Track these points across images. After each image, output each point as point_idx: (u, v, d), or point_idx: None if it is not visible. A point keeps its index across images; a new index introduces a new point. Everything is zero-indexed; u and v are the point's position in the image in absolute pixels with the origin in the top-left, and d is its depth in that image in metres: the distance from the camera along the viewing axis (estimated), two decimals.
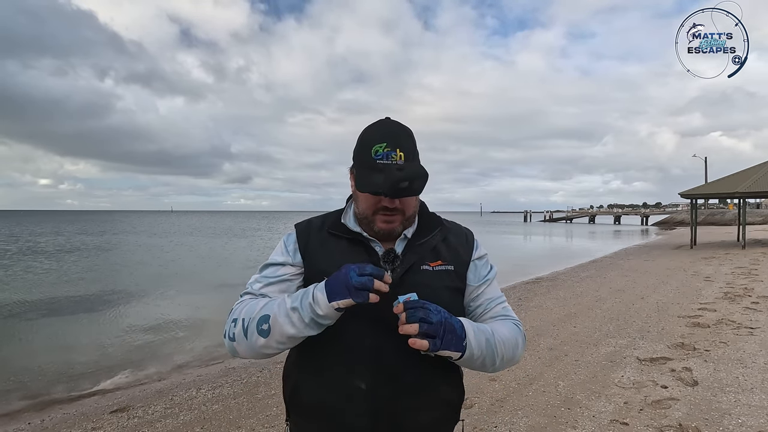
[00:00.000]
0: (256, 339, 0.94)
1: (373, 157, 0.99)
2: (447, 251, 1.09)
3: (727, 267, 11.49)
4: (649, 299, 7.52)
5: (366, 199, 1.03)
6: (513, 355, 1.04)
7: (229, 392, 4.11)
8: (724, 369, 4.03)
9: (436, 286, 1.03)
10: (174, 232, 43.39)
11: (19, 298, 10.06)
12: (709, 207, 56.90)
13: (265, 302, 0.97)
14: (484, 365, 0.98)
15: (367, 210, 1.04)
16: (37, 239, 31.57)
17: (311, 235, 1.10)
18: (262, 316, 0.94)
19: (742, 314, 6.13)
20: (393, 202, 1.01)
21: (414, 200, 1.06)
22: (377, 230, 1.04)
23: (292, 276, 1.06)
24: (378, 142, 0.99)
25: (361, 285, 0.86)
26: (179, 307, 9.14)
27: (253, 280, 1.07)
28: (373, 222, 1.04)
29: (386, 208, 1.01)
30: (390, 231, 1.04)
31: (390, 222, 1.03)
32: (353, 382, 0.97)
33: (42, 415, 4.07)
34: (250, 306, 0.98)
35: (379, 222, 1.03)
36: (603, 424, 3.07)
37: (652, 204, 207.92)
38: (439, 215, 1.17)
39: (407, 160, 0.99)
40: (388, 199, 1.00)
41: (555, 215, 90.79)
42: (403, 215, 1.04)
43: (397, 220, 1.03)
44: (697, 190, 20.11)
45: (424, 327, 0.86)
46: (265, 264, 1.09)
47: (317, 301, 0.89)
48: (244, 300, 1.04)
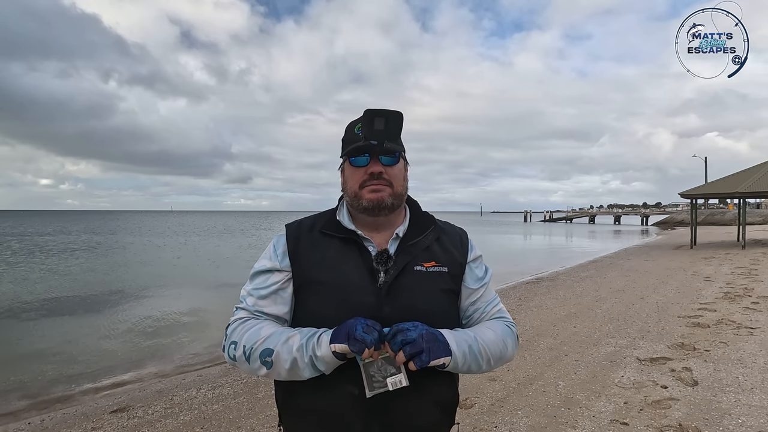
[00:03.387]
0: (259, 368, 0.96)
1: (356, 132, 1.03)
2: (441, 252, 1.08)
3: (727, 267, 11.49)
4: (649, 299, 7.52)
5: (352, 175, 1.05)
6: (501, 356, 1.05)
7: (229, 392, 4.11)
8: (724, 369, 4.03)
9: (430, 288, 1.03)
10: (175, 231, 43.39)
11: (19, 298, 10.05)
12: (709, 207, 56.89)
13: (266, 332, 0.98)
14: (470, 370, 1.00)
15: (355, 185, 1.04)
16: (46, 238, 31.58)
17: (301, 236, 1.08)
18: (265, 350, 0.95)
19: (742, 314, 6.13)
20: (378, 165, 1.02)
21: (401, 176, 1.07)
22: (366, 204, 1.03)
23: (282, 284, 1.06)
24: (357, 123, 1.05)
25: (361, 338, 0.87)
26: (179, 307, 9.13)
27: (245, 293, 1.08)
28: (361, 197, 1.03)
29: (372, 175, 1.02)
30: (378, 201, 1.03)
31: (377, 191, 1.02)
32: (346, 388, 0.97)
33: (42, 415, 4.06)
34: (251, 333, 0.99)
35: (367, 193, 1.03)
36: (603, 424, 3.07)
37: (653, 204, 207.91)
38: (433, 215, 1.16)
39: (387, 124, 1.01)
40: (373, 163, 1.02)
41: (555, 215, 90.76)
42: (391, 187, 1.04)
43: (385, 190, 1.03)
44: (697, 190, 20.11)
45: (407, 350, 0.89)
46: (254, 272, 1.09)
47: (320, 342, 0.92)
48: (240, 319, 1.04)
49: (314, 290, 1.03)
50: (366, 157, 1.03)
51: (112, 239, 31.85)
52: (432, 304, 1.02)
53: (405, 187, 1.09)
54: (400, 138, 1.09)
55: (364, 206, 1.03)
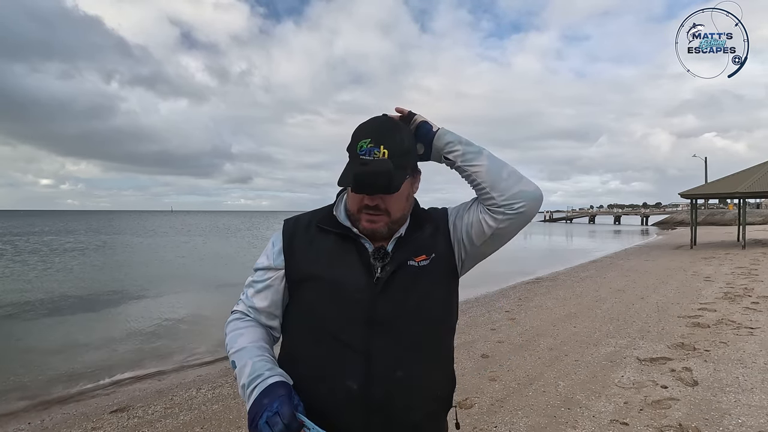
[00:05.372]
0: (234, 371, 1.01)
1: (357, 152, 0.98)
2: (428, 240, 1.07)
3: (727, 267, 11.49)
4: (649, 299, 7.52)
5: (352, 197, 1.03)
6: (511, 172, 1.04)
7: (228, 392, 4.11)
8: (724, 369, 4.03)
9: (423, 283, 1.03)
10: (177, 231, 43.38)
11: (19, 298, 10.06)
12: (709, 207, 56.88)
13: (241, 343, 1.02)
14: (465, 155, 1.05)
15: (353, 207, 1.04)
16: (52, 238, 31.57)
17: (297, 233, 1.09)
18: (232, 361, 1.01)
19: (742, 314, 6.13)
20: (373, 200, 0.99)
21: (401, 201, 1.03)
22: (362, 230, 1.03)
23: (274, 280, 1.08)
24: (363, 137, 0.99)
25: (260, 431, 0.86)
26: (179, 307, 9.14)
27: (248, 283, 1.12)
28: (358, 220, 1.03)
29: (368, 206, 1.00)
30: (373, 231, 1.02)
31: (373, 222, 1.01)
32: (344, 382, 0.97)
33: (42, 415, 4.07)
34: (232, 336, 1.05)
35: (363, 221, 1.02)
36: (603, 424, 3.07)
37: (653, 204, 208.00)
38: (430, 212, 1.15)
39: (392, 156, 0.96)
40: (368, 197, 0.99)
41: (555, 215, 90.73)
42: (389, 216, 1.01)
43: (381, 221, 1.01)
44: (697, 190, 20.11)
45: None
46: (254, 267, 1.13)
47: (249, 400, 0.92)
48: (235, 315, 1.11)
49: (308, 285, 1.03)
50: None
51: (117, 239, 31.85)
52: (425, 300, 1.03)
53: (407, 207, 1.07)
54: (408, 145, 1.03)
55: (360, 230, 1.04)
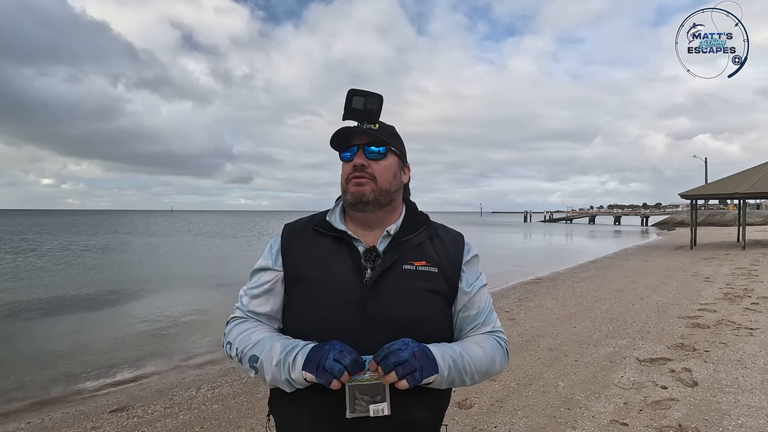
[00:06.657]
0: (248, 370, 1.00)
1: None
2: (433, 252, 1.08)
3: (727, 268, 11.49)
4: (649, 300, 7.52)
5: (342, 171, 1.09)
6: (488, 371, 1.04)
7: (228, 392, 4.11)
8: (724, 370, 4.03)
9: (417, 287, 1.02)
10: (178, 231, 43.39)
11: (19, 298, 10.05)
12: (709, 208, 56.87)
13: (256, 337, 1.01)
14: (453, 384, 1.00)
15: (343, 179, 1.09)
16: (52, 237, 31.58)
17: (295, 235, 1.12)
18: (252, 356, 0.99)
19: (742, 315, 6.13)
20: (361, 156, 1.05)
21: (388, 173, 1.08)
22: (350, 198, 1.06)
23: (273, 283, 1.09)
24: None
25: (330, 369, 0.87)
26: (179, 307, 9.13)
27: (242, 292, 1.12)
28: (347, 191, 1.07)
29: (355, 168, 1.05)
30: (359, 194, 1.04)
31: (359, 184, 1.05)
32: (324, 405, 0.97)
33: (42, 415, 4.06)
34: (243, 336, 1.03)
35: (351, 186, 1.06)
36: (603, 424, 3.07)
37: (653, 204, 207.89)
38: (428, 216, 1.16)
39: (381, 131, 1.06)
40: (357, 156, 1.05)
41: (555, 216, 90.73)
42: (375, 182, 1.05)
43: (367, 184, 1.05)
44: (697, 190, 20.11)
45: (400, 371, 0.88)
46: (252, 270, 1.13)
47: (295, 364, 0.92)
48: (236, 319, 1.10)
49: (302, 287, 1.05)
50: (352, 151, 1.07)
51: (117, 239, 31.84)
52: (417, 303, 1.02)
53: (394, 184, 1.09)
54: (398, 138, 1.12)
55: (348, 201, 1.06)
